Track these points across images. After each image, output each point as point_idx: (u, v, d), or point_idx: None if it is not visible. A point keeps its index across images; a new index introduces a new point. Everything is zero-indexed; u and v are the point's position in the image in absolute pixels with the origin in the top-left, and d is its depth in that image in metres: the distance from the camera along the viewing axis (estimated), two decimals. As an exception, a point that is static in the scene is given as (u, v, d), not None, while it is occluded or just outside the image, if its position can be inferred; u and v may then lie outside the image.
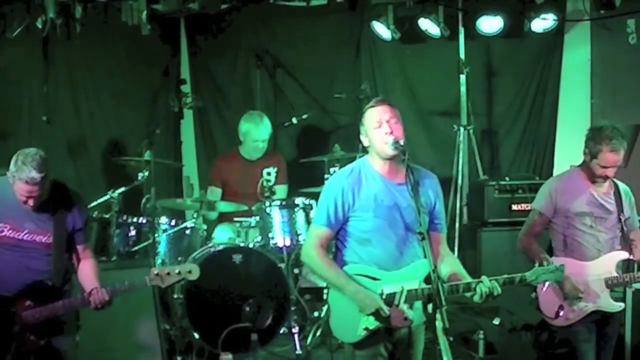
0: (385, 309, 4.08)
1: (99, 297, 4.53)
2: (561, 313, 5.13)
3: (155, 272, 4.61)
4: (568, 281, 5.05)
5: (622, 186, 5.34)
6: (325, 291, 6.69)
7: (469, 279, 4.19)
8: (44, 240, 4.57)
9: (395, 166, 4.25)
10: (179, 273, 4.62)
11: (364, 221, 4.22)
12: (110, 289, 4.56)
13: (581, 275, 5.13)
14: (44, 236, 4.56)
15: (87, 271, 4.69)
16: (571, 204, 5.21)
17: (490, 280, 4.11)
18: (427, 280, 4.09)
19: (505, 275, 4.16)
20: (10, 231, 4.53)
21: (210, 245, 6.70)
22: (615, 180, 5.31)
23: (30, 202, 4.49)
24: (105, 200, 6.65)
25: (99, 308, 4.57)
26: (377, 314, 4.09)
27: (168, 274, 4.61)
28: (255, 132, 7.35)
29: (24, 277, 4.53)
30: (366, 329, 4.13)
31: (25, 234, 4.54)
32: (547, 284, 4.98)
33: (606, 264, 5.17)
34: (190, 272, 4.65)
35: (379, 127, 4.22)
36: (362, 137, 4.34)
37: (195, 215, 6.89)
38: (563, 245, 5.26)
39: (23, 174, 4.37)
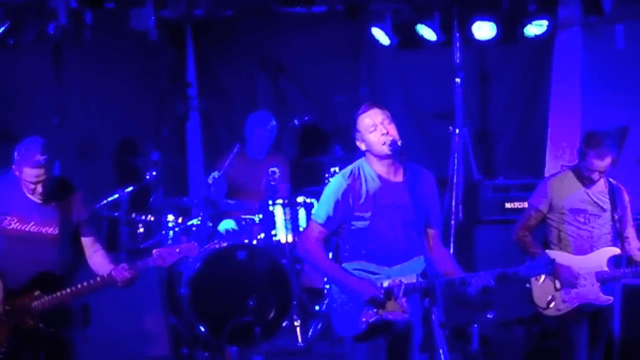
0: (380, 292, 4.16)
1: (121, 273, 4.56)
2: (552, 304, 5.27)
3: (157, 253, 4.68)
4: (565, 269, 5.21)
5: (617, 185, 5.47)
6: (326, 286, 6.94)
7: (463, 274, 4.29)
8: (50, 231, 4.61)
9: (393, 165, 4.32)
10: (179, 251, 4.69)
11: (363, 219, 4.29)
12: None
13: (573, 268, 5.28)
14: (50, 227, 4.60)
15: (100, 260, 4.72)
16: (566, 201, 5.36)
17: (485, 274, 4.21)
18: (425, 274, 4.21)
19: (499, 270, 4.23)
20: (17, 224, 4.59)
21: (215, 242, 6.81)
22: (610, 179, 5.44)
23: (39, 189, 4.51)
24: (114, 198, 6.80)
25: (124, 283, 4.58)
26: (374, 301, 4.19)
27: (169, 253, 4.70)
28: (259, 128, 7.50)
29: (32, 268, 4.57)
30: (366, 321, 4.23)
31: (32, 226, 4.59)
32: (543, 275, 5.13)
33: (598, 258, 5.32)
34: (189, 250, 4.74)
35: (375, 130, 4.27)
36: (358, 143, 4.37)
37: (200, 213, 7.01)
38: (557, 239, 5.40)
39: (28, 159, 4.43)
